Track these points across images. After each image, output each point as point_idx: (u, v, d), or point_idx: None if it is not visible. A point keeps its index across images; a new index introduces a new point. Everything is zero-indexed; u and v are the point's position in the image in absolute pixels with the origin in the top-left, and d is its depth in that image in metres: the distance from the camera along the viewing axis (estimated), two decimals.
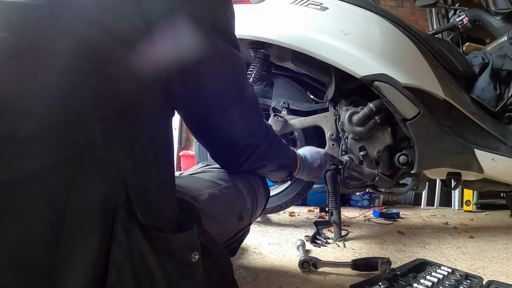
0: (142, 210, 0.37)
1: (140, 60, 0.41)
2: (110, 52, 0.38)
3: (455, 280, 0.73)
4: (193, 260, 0.42)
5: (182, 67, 0.47)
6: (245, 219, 0.70)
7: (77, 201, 0.33)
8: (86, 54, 0.36)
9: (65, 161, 0.33)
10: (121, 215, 0.35)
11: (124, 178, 0.37)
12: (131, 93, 0.40)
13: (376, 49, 1.16)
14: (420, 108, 1.15)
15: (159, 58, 0.43)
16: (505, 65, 1.30)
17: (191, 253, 0.42)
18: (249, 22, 1.24)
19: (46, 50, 0.35)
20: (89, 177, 0.34)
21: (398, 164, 1.23)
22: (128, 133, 0.39)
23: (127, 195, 0.36)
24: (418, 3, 1.70)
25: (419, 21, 2.91)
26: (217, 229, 0.62)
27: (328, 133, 1.32)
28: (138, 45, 0.40)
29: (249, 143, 0.62)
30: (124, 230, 0.35)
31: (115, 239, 0.34)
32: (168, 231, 0.41)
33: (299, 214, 1.84)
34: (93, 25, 0.38)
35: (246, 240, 0.93)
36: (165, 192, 0.44)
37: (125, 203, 0.36)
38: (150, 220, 0.38)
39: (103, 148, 0.36)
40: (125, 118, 0.39)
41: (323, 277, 0.86)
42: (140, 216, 0.37)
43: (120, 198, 0.36)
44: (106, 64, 0.38)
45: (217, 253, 0.49)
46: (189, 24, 0.46)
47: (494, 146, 1.26)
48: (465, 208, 2.31)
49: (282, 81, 1.43)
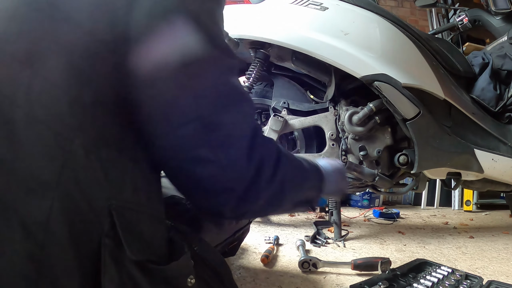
0: (130, 243, 0.34)
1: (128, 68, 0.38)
2: (97, 61, 0.36)
3: (455, 280, 0.73)
4: (189, 285, 0.40)
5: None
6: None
7: (57, 228, 0.30)
8: (74, 63, 0.35)
9: (42, 183, 0.31)
10: (107, 244, 0.33)
11: (109, 202, 0.34)
12: (114, 103, 0.37)
13: (376, 49, 1.16)
14: (420, 108, 1.15)
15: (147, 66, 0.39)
16: (505, 65, 1.30)
17: (186, 278, 0.40)
18: (249, 22, 1.24)
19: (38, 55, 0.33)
20: (70, 200, 0.32)
21: (398, 164, 1.23)
22: (113, 146, 0.37)
23: (112, 222, 0.34)
24: (418, 3, 1.70)
25: (419, 21, 2.91)
26: (215, 228, 0.62)
27: (328, 133, 1.32)
28: (123, 55, 0.37)
29: (226, 187, 0.43)
30: (113, 260, 0.33)
31: (104, 270, 0.32)
32: (160, 258, 0.39)
33: (299, 214, 1.84)
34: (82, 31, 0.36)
35: (246, 240, 0.93)
36: (154, 210, 0.41)
37: (110, 231, 0.33)
38: (139, 254, 0.35)
39: (85, 165, 0.33)
40: (109, 129, 0.37)
41: (323, 277, 0.86)
42: (129, 253, 0.34)
43: (104, 224, 0.33)
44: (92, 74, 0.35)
45: (213, 261, 0.48)
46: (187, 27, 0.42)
47: (494, 146, 1.26)
48: (465, 208, 2.30)
49: (282, 81, 1.43)
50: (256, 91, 1.45)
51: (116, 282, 0.32)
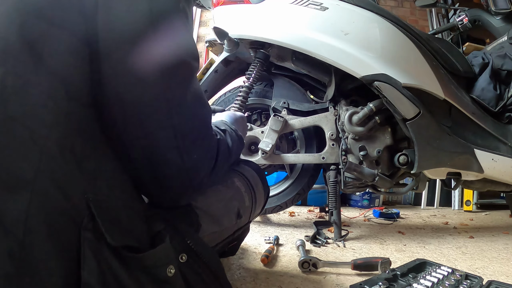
0: (110, 230, 0.35)
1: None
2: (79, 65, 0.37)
3: (455, 280, 0.73)
4: (169, 275, 0.40)
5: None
6: (243, 216, 0.70)
7: (35, 225, 0.30)
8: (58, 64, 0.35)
9: (19, 180, 0.31)
10: (86, 237, 0.33)
11: (86, 195, 0.35)
12: (88, 99, 0.38)
13: (376, 49, 1.16)
14: (420, 108, 1.15)
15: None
16: (505, 65, 1.30)
17: (165, 268, 0.40)
18: (249, 22, 1.24)
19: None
20: (48, 197, 0.32)
21: (398, 164, 1.23)
22: (87, 141, 0.37)
23: (91, 214, 0.34)
24: (418, 3, 1.70)
25: (419, 21, 2.91)
26: (215, 227, 0.61)
27: (328, 133, 1.32)
28: (97, 52, 0.38)
29: (186, 185, 0.49)
30: (92, 253, 0.33)
31: (84, 263, 0.32)
32: (142, 245, 0.39)
33: (299, 214, 1.84)
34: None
35: (246, 240, 0.93)
36: (130, 202, 0.42)
37: (89, 223, 0.34)
38: (120, 239, 0.36)
39: (61, 161, 0.34)
40: (84, 125, 0.37)
41: (323, 277, 0.86)
42: (109, 239, 0.34)
43: (83, 217, 0.34)
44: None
45: (207, 256, 0.48)
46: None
47: (494, 146, 1.26)
48: (465, 208, 2.30)
49: (282, 81, 1.43)
50: (256, 91, 1.45)
51: (96, 274, 0.33)
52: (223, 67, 1.43)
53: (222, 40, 1.25)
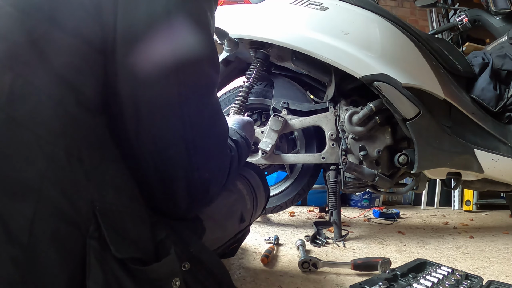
0: (115, 241, 0.35)
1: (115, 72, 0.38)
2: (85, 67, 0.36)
3: (455, 280, 0.73)
4: (174, 287, 0.39)
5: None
6: (246, 220, 0.70)
7: (41, 233, 0.30)
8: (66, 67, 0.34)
9: (25, 187, 0.30)
10: (92, 245, 0.33)
11: (92, 204, 0.34)
12: (98, 107, 0.38)
13: (376, 49, 1.16)
14: (420, 108, 1.15)
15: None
16: (505, 65, 1.30)
17: (171, 280, 0.39)
18: (249, 22, 1.24)
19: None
20: (54, 204, 0.31)
21: (398, 164, 1.23)
22: (95, 149, 0.37)
23: (97, 222, 0.34)
24: (418, 3, 1.70)
25: (419, 21, 2.91)
26: (218, 231, 0.61)
27: (328, 133, 1.32)
28: (110, 59, 0.38)
29: (193, 200, 0.48)
30: (98, 262, 0.33)
31: (89, 273, 0.32)
32: (146, 256, 0.39)
33: (299, 214, 1.84)
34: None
35: (246, 240, 0.93)
36: (137, 211, 0.42)
37: (95, 231, 0.34)
38: (124, 251, 0.35)
39: (68, 169, 0.33)
40: (92, 133, 0.37)
41: (323, 277, 0.86)
42: (114, 250, 0.34)
43: (89, 226, 0.33)
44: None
45: (211, 262, 0.47)
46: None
47: (494, 146, 1.26)
48: (465, 208, 2.30)
49: (282, 81, 1.43)
50: (256, 91, 1.45)
51: (101, 284, 0.32)
52: (223, 67, 1.44)
53: (222, 40, 1.25)
